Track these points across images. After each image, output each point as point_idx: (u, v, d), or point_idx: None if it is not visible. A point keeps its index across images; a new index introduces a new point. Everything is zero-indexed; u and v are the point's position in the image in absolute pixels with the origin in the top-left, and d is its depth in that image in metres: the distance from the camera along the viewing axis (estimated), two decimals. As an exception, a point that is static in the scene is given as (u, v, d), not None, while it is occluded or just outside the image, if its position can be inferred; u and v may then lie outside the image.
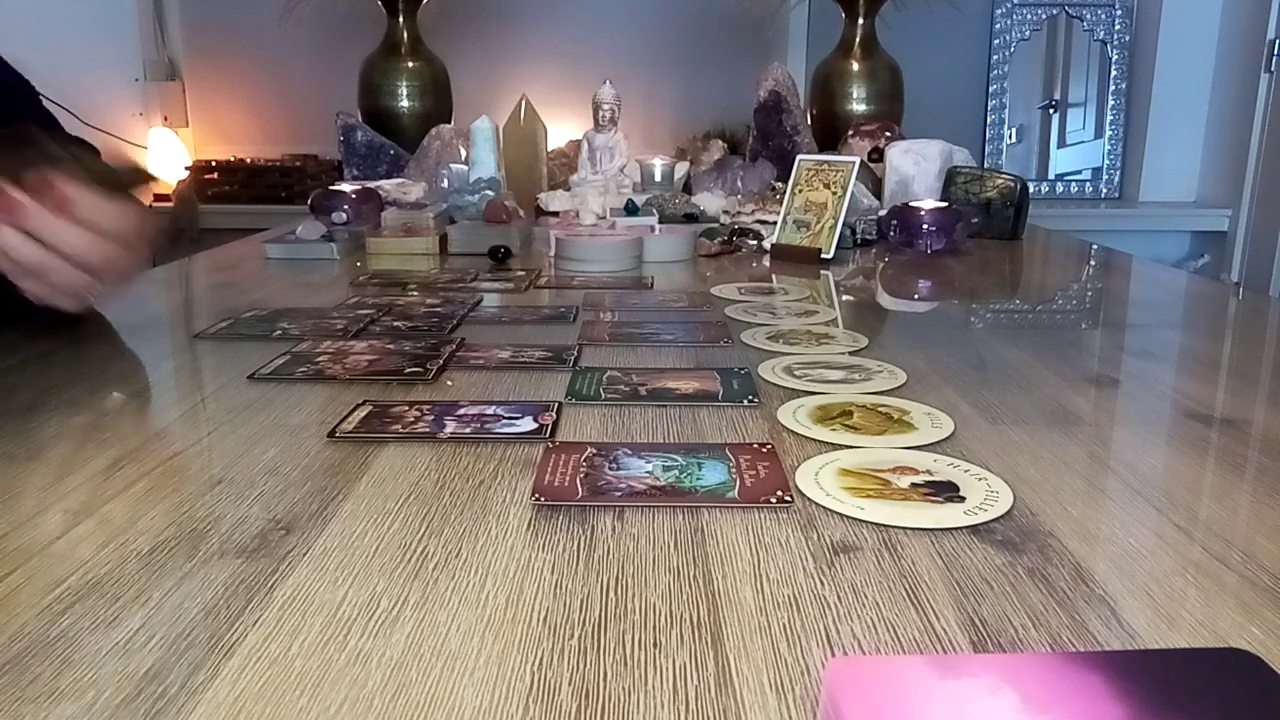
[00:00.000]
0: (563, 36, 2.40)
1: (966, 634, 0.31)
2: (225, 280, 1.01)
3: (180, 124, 2.42)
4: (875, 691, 0.23)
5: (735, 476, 0.43)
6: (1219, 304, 0.97)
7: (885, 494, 0.42)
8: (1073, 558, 0.36)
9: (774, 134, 1.72)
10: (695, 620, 0.32)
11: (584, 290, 0.93)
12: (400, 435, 0.49)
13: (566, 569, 0.35)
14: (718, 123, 2.15)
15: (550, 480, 0.43)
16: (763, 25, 2.34)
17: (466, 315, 0.80)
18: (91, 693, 0.28)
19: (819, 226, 1.13)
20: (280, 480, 0.44)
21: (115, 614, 0.32)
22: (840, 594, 0.33)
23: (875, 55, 1.99)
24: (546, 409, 0.54)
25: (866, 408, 0.54)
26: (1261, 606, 0.33)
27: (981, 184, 1.32)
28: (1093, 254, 1.26)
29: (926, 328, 0.82)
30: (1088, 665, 0.23)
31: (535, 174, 1.61)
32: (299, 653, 0.30)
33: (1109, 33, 2.40)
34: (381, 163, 1.87)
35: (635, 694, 0.28)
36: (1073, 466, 0.46)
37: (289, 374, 0.61)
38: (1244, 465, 0.46)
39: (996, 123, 2.45)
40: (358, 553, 0.36)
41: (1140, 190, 2.38)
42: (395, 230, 1.19)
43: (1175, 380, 0.62)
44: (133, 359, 0.67)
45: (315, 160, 2.27)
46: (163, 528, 0.38)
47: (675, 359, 0.66)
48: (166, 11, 2.40)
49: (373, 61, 2.05)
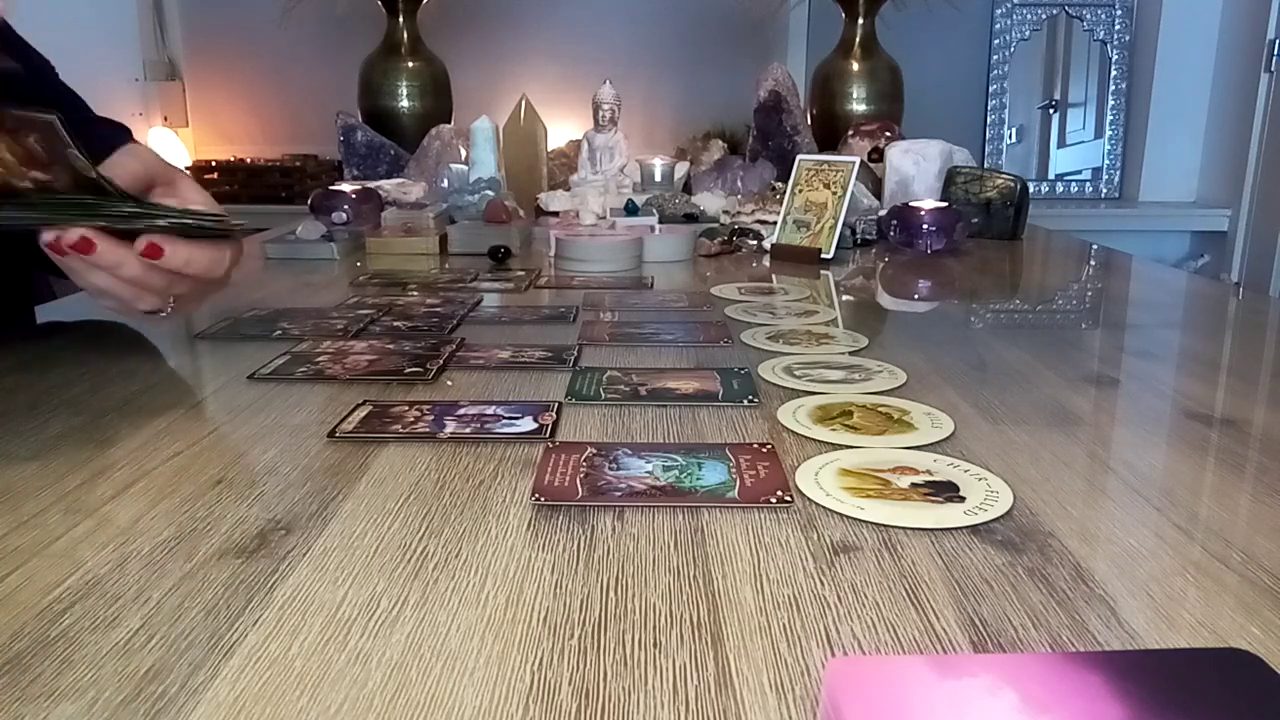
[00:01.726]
0: (563, 36, 2.40)
1: (966, 634, 0.31)
2: (225, 280, 1.01)
3: (180, 124, 2.42)
4: (875, 691, 0.23)
5: (735, 476, 0.43)
6: (1219, 304, 0.97)
7: (885, 494, 0.42)
8: (1073, 558, 0.36)
9: (774, 134, 1.72)
10: (695, 620, 0.32)
11: (584, 290, 0.93)
12: (400, 435, 0.49)
13: (566, 569, 0.35)
14: (718, 123, 2.15)
15: (550, 480, 0.43)
16: (763, 25, 2.34)
17: (466, 315, 0.80)
18: (91, 693, 0.28)
19: (819, 226, 1.13)
20: (280, 480, 0.44)
21: (115, 614, 0.32)
22: (840, 594, 0.33)
23: (875, 55, 1.99)
24: (546, 409, 0.54)
25: (866, 408, 0.54)
26: (1261, 606, 0.33)
27: (981, 184, 1.32)
28: (1093, 254, 1.26)
29: (926, 328, 0.82)
30: (1088, 665, 0.23)
31: (535, 174, 1.61)
32: (299, 653, 0.30)
33: (1109, 33, 2.40)
34: (381, 163, 1.87)
35: (635, 694, 0.28)
36: (1073, 466, 0.46)
37: (289, 374, 0.61)
38: (1244, 465, 0.46)
39: (996, 123, 2.45)
40: (358, 553, 0.36)
41: (1140, 190, 2.38)
42: (395, 230, 1.19)
43: (1175, 380, 0.62)
44: (133, 359, 0.67)
45: (315, 160, 2.27)
46: (163, 528, 0.38)
47: (675, 359, 0.66)
48: (166, 11, 2.40)
49: (373, 61, 2.06)
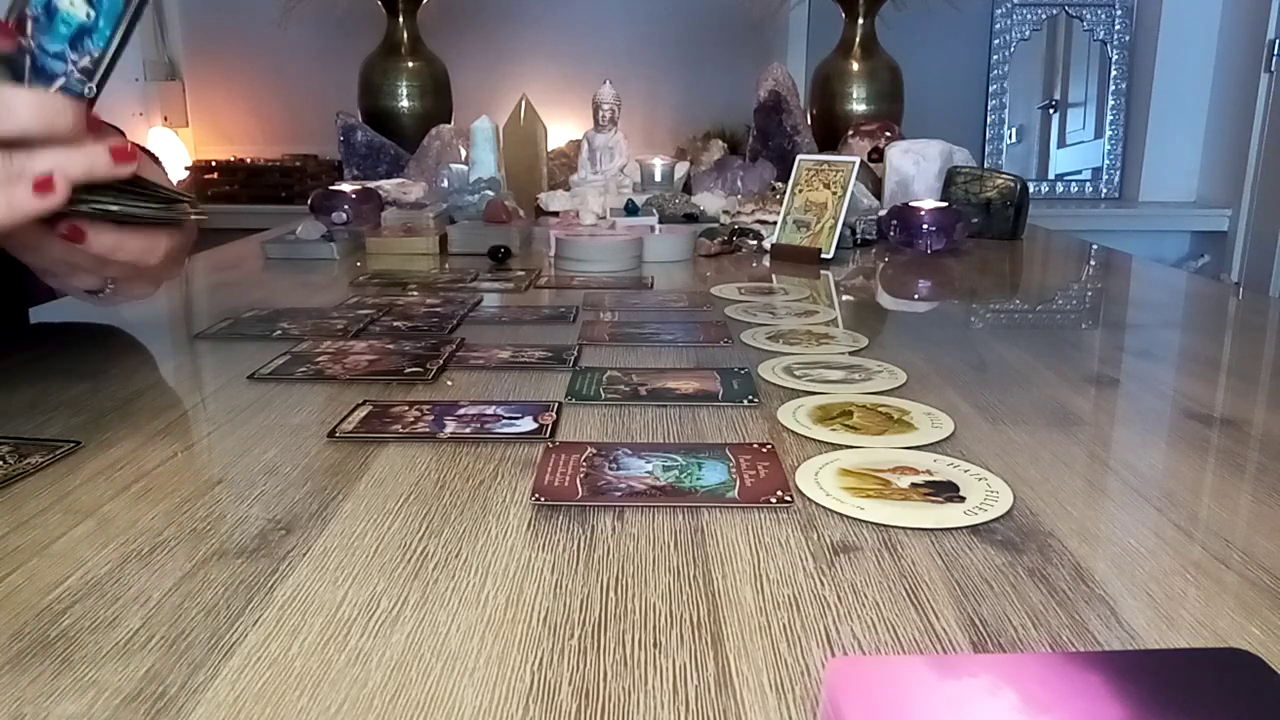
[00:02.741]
0: (563, 36, 2.40)
1: (966, 634, 0.31)
2: (225, 280, 1.01)
3: (180, 124, 2.42)
4: (875, 691, 0.23)
5: (735, 476, 0.43)
6: (1219, 304, 0.97)
7: (885, 494, 0.42)
8: (1073, 558, 0.36)
9: (774, 134, 1.72)
10: (695, 620, 0.32)
11: (584, 290, 0.93)
12: (400, 435, 0.49)
13: (566, 569, 0.35)
14: (718, 123, 2.15)
15: (550, 480, 0.43)
16: (763, 25, 2.34)
17: (466, 315, 0.80)
18: (91, 693, 0.28)
19: (819, 226, 1.13)
20: (280, 480, 0.44)
21: (115, 614, 0.32)
22: (840, 594, 0.33)
23: (875, 55, 1.99)
24: (546, 409, 0.54)
25: (866, 408, 0.54)
26: (1261, 606, 0.33)
27: (981, 184, 1.32)
28: (1093, 254, 1.26)
29: (926, 328, 0.82)
30: (1088, 665, 0.23)
31: (535, 174, 1.61)
32: (299, 653, 0.30)
33: (1109, 33, 2.40)
34: (381, 163, 1.87)
35: (635, 694, 0.28)
36: (1073, 466, 0.46)
37: (289, 374, 0.61)
38: (1244, 465, 0.46)
39: (996, 123, 2.45)
40: (358, 553, 0.36)
41: (1140, 190, 2.38)
42: (395, 230, 1.19)
43: (1175, 380, 0.62)
44: (133, 359, 0.67)
45: (315, 160, 2.27)
46: (163, 528, 0.38)
47: (675, 359, 0.66)
48: (166, 11, 2.40)
49: (373, 61, 2.06)
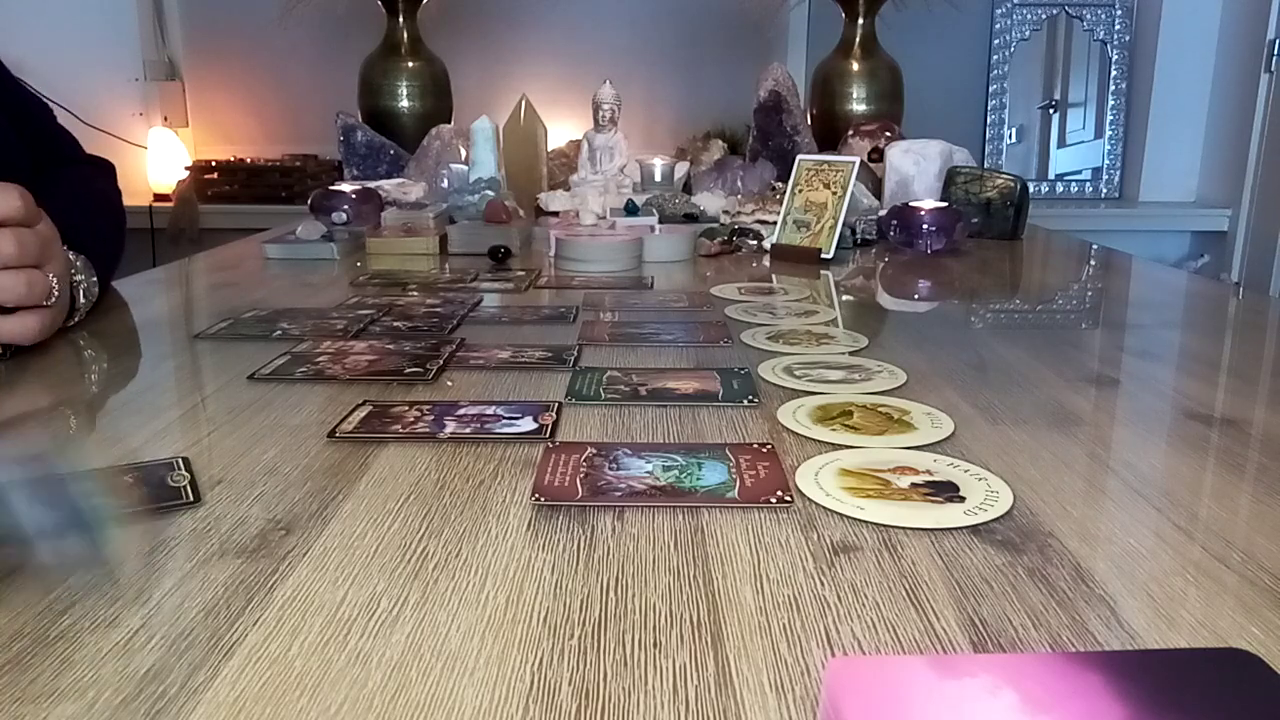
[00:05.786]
0: (563, 36, 2.40)
1: (966, 634, 0.31)
2: (225, 280, 1.01)
3: (180, 124, 2.42)
4: (875, 691, 0.23)
5: (735, 476, 0.43)
6: (1219, 304, 0.97)
7: (885, 494, 0.42)
8: (1073, 558, 0.36)
9: (774, 134, 1.72)
10: (695, 620, 0.32)
11: (584, 290, 0.93)
12: (400, 435, 0.49)
13: (566, 569, 0.35)
14: (718, 123, 2.15)
15: (550, 480, 0.43)
16: (763, 25, 2.34)
17: (466, 315, 0.80)
18: (91, 693, 0.28)
19: (819, 226, 1.13)
20: (280, 480, 0.44)
21: (115, 614, 0.32)
22: (840, 594, 0.33)
23: (875, 55, 1.99)
24: (546, 409, 0.54)
25: (866, 408, 0.54)
26: (1261, 606, 0.33)
27: (981, 184, 1.32)
28: (1093, 254, 1.26)
29: (926, 328, 0.82)
30: (1088, 665, 0.23)
31: (535, 174, 1.61)
32: (299, 653, 0.30)
33: (1109, 33, 2.40)
34: (381, 163, 1.87)
35: (635, 694, 0.28)
36: (1073, 466, 0.46)
37: (289, 374, 0.61)
38: (1244, 465, 0.46)
39: (996, 123, 2.45)
40: (358, 553, 0.36)
41: (1140, 190, 2.38)
42: (395, 230, 1.19)
43: (1175, 380, 0.62)
44: (133, 359, 0.67)
45: (315, 160, 2.27)
46: (163, 527, 0.38)
47: (675, 359, 0.66)
48: (166, 11, 2.40)
49: (373, 61, 2.05)
